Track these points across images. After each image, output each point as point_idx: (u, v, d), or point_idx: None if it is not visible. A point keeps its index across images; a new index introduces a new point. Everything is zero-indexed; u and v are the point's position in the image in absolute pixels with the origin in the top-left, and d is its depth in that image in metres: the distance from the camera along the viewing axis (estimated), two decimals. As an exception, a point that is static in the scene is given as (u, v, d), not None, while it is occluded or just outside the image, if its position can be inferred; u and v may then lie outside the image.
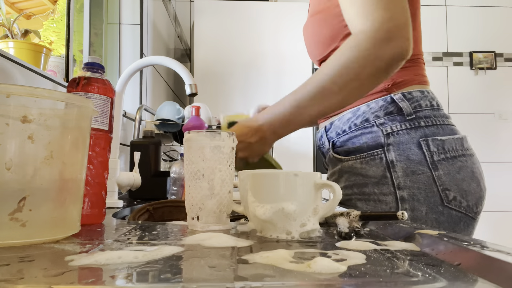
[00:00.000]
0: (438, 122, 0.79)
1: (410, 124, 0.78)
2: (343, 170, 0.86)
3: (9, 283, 0.27)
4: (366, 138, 0.81)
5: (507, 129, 3.05)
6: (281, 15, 2.43)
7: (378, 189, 0.79)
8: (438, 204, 0.75)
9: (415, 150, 0.77)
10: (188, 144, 0.54)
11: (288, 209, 0.46)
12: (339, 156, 0.87)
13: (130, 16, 1.72)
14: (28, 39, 1.08)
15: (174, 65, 0.92)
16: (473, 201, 0.77)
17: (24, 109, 0.39)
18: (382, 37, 0.65)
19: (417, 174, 0.76)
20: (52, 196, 0.42)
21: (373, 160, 0.80)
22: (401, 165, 0.77)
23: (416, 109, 0.79)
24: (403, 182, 0.76)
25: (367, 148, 0.81)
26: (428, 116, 0.79)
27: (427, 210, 0.75)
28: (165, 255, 0.36)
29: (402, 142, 0.77)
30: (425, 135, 0.77)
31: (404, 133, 0.78)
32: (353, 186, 0.83)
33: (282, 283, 0.29)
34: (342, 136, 0.86)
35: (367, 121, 0.81)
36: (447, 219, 0.75)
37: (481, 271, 0.32)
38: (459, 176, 0.76)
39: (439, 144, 0.77)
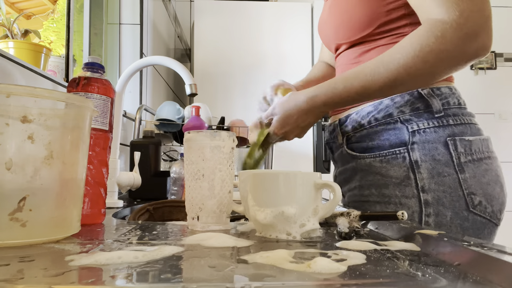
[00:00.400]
0: (465, 121, 0.74)
1: (439, 122, 0.73)
2: (357, 168, 0.81)
3: (9, 283, 0.27)
4: (388, 135, 0.75)
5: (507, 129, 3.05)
6: (281, 15, 2.43)
7: (400, 191, 0.73)
8: (463, 209, 0.70)
9: (442, 150, 0.71)
10: (188, 144, 0.54)
11: (288, 212, 0.46)
12: (353, 153, 0.81)
13: (130, 16, 1.72)
14: (28, 39, 1.08)
15: (174, 65, 0.92)
16: (497, 207, 0.72)
17: (24, 109, 0.39)
18: (470, 31, 0.59)
19: (443, 176, 0.71)
20: (52, 196, 0.42)
21: (395, 159, 0.74)
22: (426, 166, 0.72)
23: (444, 106, 0.74)
24: (428, 185, 0.71)
25: (389, 146, 0.75)
26: (456, 114, 0.74)
27: (452, 215, 0.70)
28: (165, 255, 0.36)
29: (428, 140, 0.72)
30: (453, 134, 0.72)
31: (431, 131, 0.72)
32: (371, 187, 0.78)
33: (282, 283, 0.29)
34: (359, 131, 0.80)
35: (390, 116, 0.76)
36: (471, 225, 0.71)
37: (481, 271, 0.32)
38: (484, 179, 0.72)
39: (467, 144, 0.72)
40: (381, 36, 0.77)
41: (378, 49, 0.77)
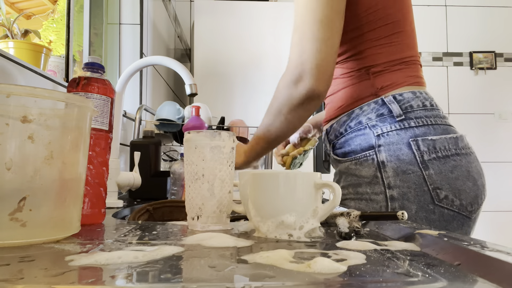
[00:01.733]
0: (429, 122, 0.80)
1: (400, 125, 0.80)
2: (341, 171, 0.89)
3: (9, 283, 0.27)
4: (359, 140, 0.83)
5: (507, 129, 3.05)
6: (281, 15, 2.43)
7: (370, 188, 0.81)
8: (429, 203, 0.76)
9: (405, 150, 0.78)
10: (188, 144, 0.54)
11: (287, 221, 0.46)
12: (338, 158, 0.90)
13: (130, 16, 1.72)
14: (28, 39, 1.08)
15: (174, 65, 0.92)
16: (467, 200, 0.77)
17: (24, 109, 0.39)
18: (291, 79, 0.76)
19: (407, 173, 0.77)
20: (52, 196, 0.42)
21: (366, 161, 0.82)
22: (391, 165, 0.79)
23: (407, 110, 0.80)
24: (393, 182, 0.78)
25: (360, 150, 0.83)
26: (419, 117, 0.80)
27: (417, 208, 0.77)
28: (165, 255, 0.36)
29: (392, 142, 0.79)
30: (415, 135, 0.78)
31: (394, 134, 0.80)
32: (349, 186, 0.86)
33: (282, 283, 0.29)
34: (340, 138, 0.89)
35: (360, 124, 0.84)
36: (438, 218, 0.76)
37: (481, 271, 0.32)
38: (452, 175, 0.77)
39: (430, 143, 0.78)
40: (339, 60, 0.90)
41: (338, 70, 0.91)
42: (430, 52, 3.06)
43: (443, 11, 3.12)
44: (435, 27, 3.10)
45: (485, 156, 2.89)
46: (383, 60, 0.82)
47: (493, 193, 2.47)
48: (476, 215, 0.80)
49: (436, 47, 3.09)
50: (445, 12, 3.12)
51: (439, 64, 3.07)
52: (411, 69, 0.85)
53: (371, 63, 0.83)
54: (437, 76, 3.05)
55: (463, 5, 3.12)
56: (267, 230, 0.48)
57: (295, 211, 0.47)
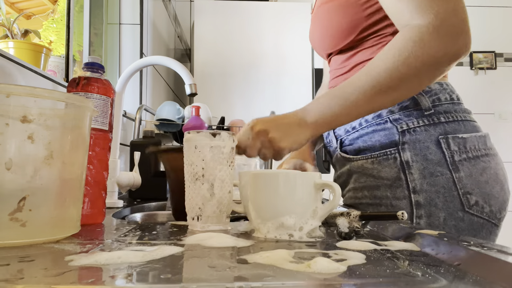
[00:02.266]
0: (459, 118, 0.72)
1: (429, 120, 0.71)
2: (352, 171, 0.80)
3: (9, 283, 0.27)
4: (378, 136, 0.74)
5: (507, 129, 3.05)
6: (281, 15, 2.43)
7: (391, 192, 0.72)
8: (458, 210, 0.68)
9: (434, 149, 0.70)
10: (188, 144, 0.54)
11: (287, 223, 0.46)
12: (347, 156, 0.81)
13: (130, 16, 1.72)
14: (28, 39, 1.08)
15: (174, 65, 0.92)
16: (496, 206, 0.70)
17: (24, 109, 0.39)
18: (448, 32, 0.59)
19: (435, 176, 0.69)
20: (52, 196, 0.42)
21: (386, 160, 0.73)
22: (417, 166, 0.70)
23: (434, 103, 0.72)
24: (420, 185, 0.70)
25: (379, 147, 0.74)
26: (448, 111, 0.72)
27: (445, 216, 0.69)
28: (165, 255, 0.36)
29: (419, 140, 0.71)
30: (445, 132, 0.70)
31: (421, 130, 0.71)
32: (364, 189, 0.77)
33: (282, 283, 0.28)
34: (351, 133, 0.80)
35: (379, 117, 0.75)
36: (467, 226, 0.69)
37: (481, 271, 0.32)
38: (482, 178, 0.70)
39: (461, 142, 0.70)
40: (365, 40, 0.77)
41: (364, 52, 0.77)
42: (430, 52, 3.06)
43: (443, 11, 3.12)
44: (435, 27, 3.10)
45: (485, 156, 2.89)
46: None
47: (493, 193, 2.47)
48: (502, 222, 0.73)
49: (436, 47, 3.09)
50: (445, 12, 3.12)
51: (439, 64, 3.07)
52: None
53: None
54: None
55: (463, 5, 3.12)
56: (267, 231, 0.48)
57: (295, 212, 0.47)
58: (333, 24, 0.78)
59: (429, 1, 0.60)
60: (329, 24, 0.79)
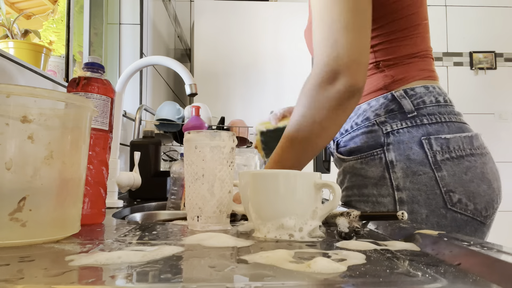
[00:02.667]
0: (443, 120, 0.75)
1: (412, 122, 0.74)
2: (345, 171, 0.84)
3: (9, 283, 0.27)
4: (366, 138, 0.78)
5: (507, 129, 3.05)
6: (281, 15, 2.43)
7: (377, 190, 0.76)
8: (441, 207, 0.71)
9: (416, 149, 0.73)
10: (188, 144, 0.54)
11: (287, 224, 0.47)
12: (342, 156, 0.85)
13: (130, 16, 1.72)
14: (28, 39, 1.08)
15: (174, 65, 0.92)
16: (482, 204, 0.72)
17: (24, 109, 0.39)
18: (324, 78, 0.65)
19: (418, 175, 0.72)
20: (52, 196, 0.42)
21: (373, 160, 0.77)
22: (400, 165, 0.74)
23: (419, 106, 0.75)
24: (403, 183, 0.73)
25: (367, 148, 0.78)
26: (432, 113, 0.75)
27: (427, 213, 0.71)
28: (165, 255, 0.36)
29: (402, 141, 0.74)
30: (428, 134, 0.73)
31: (404, 131, 0.74)
32: (353, 187, 0.81)
33: (282, 283, 0.28)
34: (345, 135, 0.84)
35: (367, 120, 0.79)
36: (450, 223, 0.71)
37: (481, 271, 0.32)
38: (466, 177, 0.72)
39: (443, 142, 0.73)
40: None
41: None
42: (430, 52, 3.06)
43: (443, 11, 3.12)
44: (435, 27, 3.10)
45: (485, 156, 2.89)
46: (397, 54, 0.77)
47: (493, 193, 2.47)
48: (491, 220, 0.75)
49: (436, 47, 3.09)
50: (445, 12, 3.12)
51: (439, 64, 3.06)
52: (425, 62, 0.80)
53: (383, 57, 0.77)
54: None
55: (463, 5, 3.12)
56: (268, 231, 0.48)
57: (295, 213, 0.47)
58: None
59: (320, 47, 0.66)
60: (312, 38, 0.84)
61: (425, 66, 0.79)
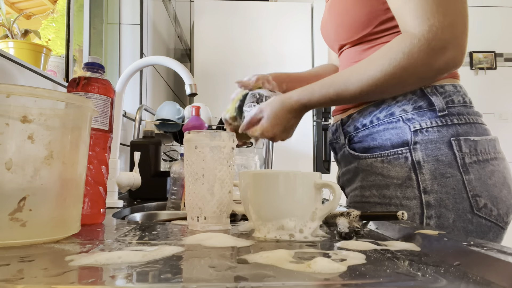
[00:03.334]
0: (471, 121, 0.72)
1: (442, 121, 0.71)
2: (359, 169, 0.79)
3: (9, 283, 0.27)
4: (389, 134, 0.74)
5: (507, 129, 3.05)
6: (281, 15, 2.43)
7: (401, 192, 0.72)
8: (467, 212, 0.68)
9: (445, 150, 0.69)
10: (188, 144, 0.54)
11: (287, 226, 0.47)
12: (355, 153, 0.80)
13: (130, 16, 1.72)
14: (28, 39, 1.08)
15: (174, 65, 0.92)
16: (504, 210, 0.70)
17: (24, 109, 0.39)
18: (437, 46, 0.61)
19: (446, 177, 0.69)
20: (52, 196, 0.42)
21: (397, 159, 0.72)
22: (428, 167, 0.70)
23: (448, 105, 0.72)
24: (430, 186, 0.69)
25: (390, 146, 0.73)
26: (461, 113, 0.72)
27: (455, 217, 0.68)
28: (165, 255, 0.36)
29: (431, 140, 0.70)
30: (457, 134, 0.70)
31: (434, 130, 0.70)
32: (372, 187, 0.76)
33: (282, 283, 0.28)
34: (361, 130, 0.79)
35: (392, 115, 0.74)
36: (476, 229, 0.68)
37: (481, 271, 0.32)
38: (491, 181, 0.69)
39: (472, 145, 0.70)
40: (381, 35, 0.76)
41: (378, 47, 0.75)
42: (430, 52, 3.06)
43: (443, 11, 3.12)
44: (435, 27, 3.10)
45: (485, 156, 2.89)
46: None
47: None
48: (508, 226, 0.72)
49: (436, 47, 3.09)
50: (445, 12, 3.12)
51: (439, 64, 3.06)
52: None
53: None
54: (437, 76, 3.04)
55: (463, 5, 3.12)
56: (268, 231, 0.48)
57: (295, 215, 0.47)
58: (350, 15, 0.77)
59: (428, 12, 0.62)
60: (345, 15, 0.79)
61: None
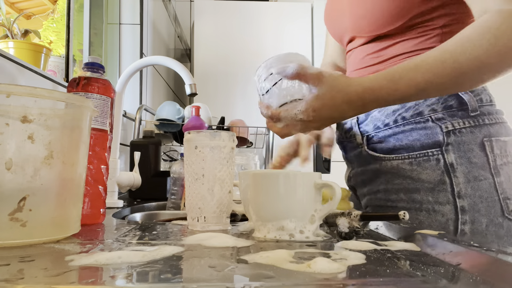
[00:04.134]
0: (499, 120, 0.70)
1: (474, 121, 0.68)
2: (381, 171, 0.74)
3: (9, 283, 0.27)
4: (418, 135, 0.69)
5: (507, 129, 3.05)
6: (281, 15, 2.43)
7: (433, 197, 0.68)
8: (499, 216, 0.66)
9: (478, 152, 0.66)
10: (188, 144, 0.54)
11: (287, 227, 0.47)
12: (376, 154, 0.75)
13: (130, 16, 1.72)
14: (28, 39, 1.08)
15: (174, 65, 0.92)
16: None
17: (24, 109, 0.39)
18: None
19: (479, 180, 0.66)
20: (52, 196, 0.42)
21: (427, 162, 0.68)
22: (462, 169, 0.66)
23: (478, 104, 0.69)
24: (464, 190, 0.66)
25: (420, 147, 0.69)
26: (490, 113, 0.69)
27: (487, 222, 0.66)
28: (165, 255, 0.36)
29: (464, 142, 0.67)
30: (489, 135, 0.67)
31: (467, 131, 0.67)
32: (399, 191, 0.72)
33: (282, 283, 0.28)
34: (382, 130, 0.74)
35: (420, 115, 0.70)
36: (506, 233, 0.66)
37: (481, 271, 0.32)
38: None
39: (502, 146, 0.67)
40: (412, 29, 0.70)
41: (405, 43, 0.71)
42: (430, 52, 3.06)
43: (443, 11, 3.12)
44: (435, 27, 3.10)
45: (485, 156, 2.89)
46: None
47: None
48: None
49: (436, 47, 3.08)
50: (445, 12, 3.12)
51: (439, 64, 3.06)
52: None
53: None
54: (437, 76, 3.03)
55: (463, 5, 3.12)
56: (268, 232, 0.48)
57: (295, 216, 0.47)
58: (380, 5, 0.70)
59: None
60: (372, 4, 0.71)
61: None
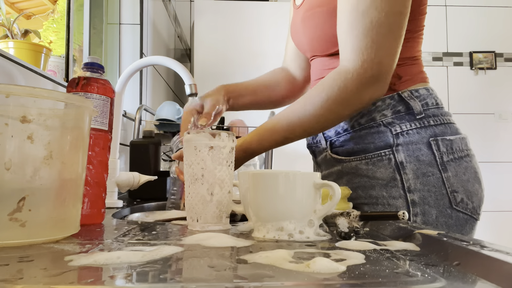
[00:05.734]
0: (445, 121, 0.78)
1: (420, 123, 0.76)
2: (343, 172, 0.83)
3: (9, 283, 0.27)
4: (372, 138, 0.78)
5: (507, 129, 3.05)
6: (281, 15, 2.43)
7: (387, 192, 0.76)
8: (447, 207, 0.74)
9: (425, 150, 0.75)
10: (187, 144, 0.54)
11: (287, 227, 0.47)
12: (338, 157, 0.84)
13: (130, 16, 1.72)
14: (28, 39, 1.08)
15: (174, 65, 0.92)
16: (477, 202, 0.76)
17: (24, 109, 0.39)
18: (368, 81, 0.69)
19: (427, 176, 0.74)
20: (51, 196, 0.42)
21: (381, 161, 0.77)
22: (411, 167, 0.74)
23: (423, 108, 0.77)
24: (414, 185, 0.74)
25: (374, 148, 0.78)
26: (436, 115, 0.77)
27: (437, 213, 0.74)
28: (165, 255, 0.36)
29: (412, 142, 0.75)
30: (435, 135, 0.75)
31: (414, 132, 0.76)
32: (358, 189, 0.80)
33: (282, 283, 0.28)
34: (342, 135, 0.83)
35: (373, 120, 0.78)
36: (455, 222, 0.74)
37: (481, 271, 0.32)
38: (465, 177, 0.75)
39: (448, 144, 0.75)
40: None
41: None
42: (430, 52, 3.06)
43: (443, 11, 3.12)
44: (435, 27, 3.10)
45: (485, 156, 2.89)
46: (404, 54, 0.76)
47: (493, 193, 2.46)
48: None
49: (436, 47, 3.09)
50: (445, 12, 3.12)
51: (439, 64, 3.07)
52: (420, 65, 0.82)
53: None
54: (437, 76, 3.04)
55: (463, 5, 3.12)
56: (267, 232, 0.48)
57: (294, 217, 0.47)
58: (325, 30, 0.80)
59: (361, 48, 0.68)
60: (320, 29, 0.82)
61: (421, 69, 0.82)
